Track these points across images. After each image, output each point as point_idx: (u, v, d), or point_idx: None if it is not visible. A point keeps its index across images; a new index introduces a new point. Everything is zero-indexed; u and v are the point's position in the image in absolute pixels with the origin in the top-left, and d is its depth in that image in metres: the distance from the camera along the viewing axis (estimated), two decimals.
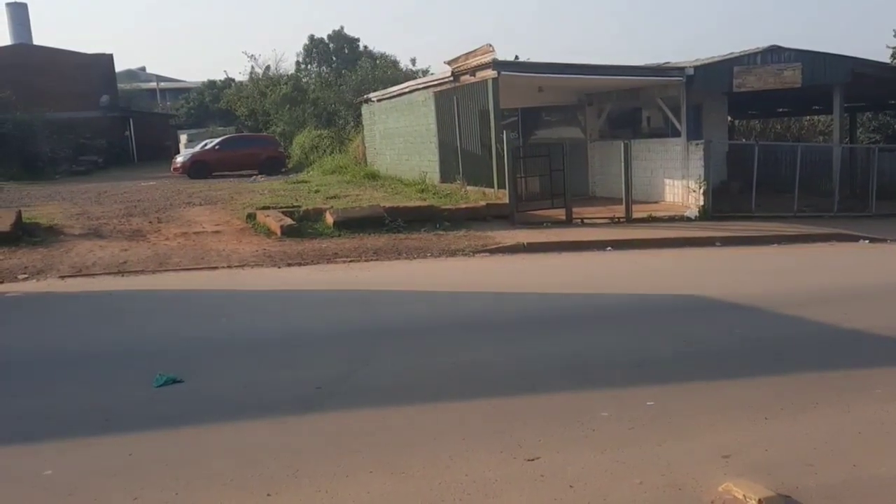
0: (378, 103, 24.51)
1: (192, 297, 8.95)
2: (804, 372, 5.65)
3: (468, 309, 8.07)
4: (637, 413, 4.77)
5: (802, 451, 4.19)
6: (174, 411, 5.01)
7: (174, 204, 17.04)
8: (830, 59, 16.53)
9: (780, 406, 4.87)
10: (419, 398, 5.16)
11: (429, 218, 13.80)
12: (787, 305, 7.71)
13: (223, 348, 6.56)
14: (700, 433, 4.46)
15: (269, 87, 36.50)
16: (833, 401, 5.00)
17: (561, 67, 16.23)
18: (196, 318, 7.80)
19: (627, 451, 4.20)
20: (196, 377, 5.74)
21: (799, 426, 4.55)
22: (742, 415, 4.74)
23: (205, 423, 4.79)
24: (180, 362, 6.14)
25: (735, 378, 5.53)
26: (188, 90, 51.18)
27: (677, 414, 4.78)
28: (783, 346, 6.42)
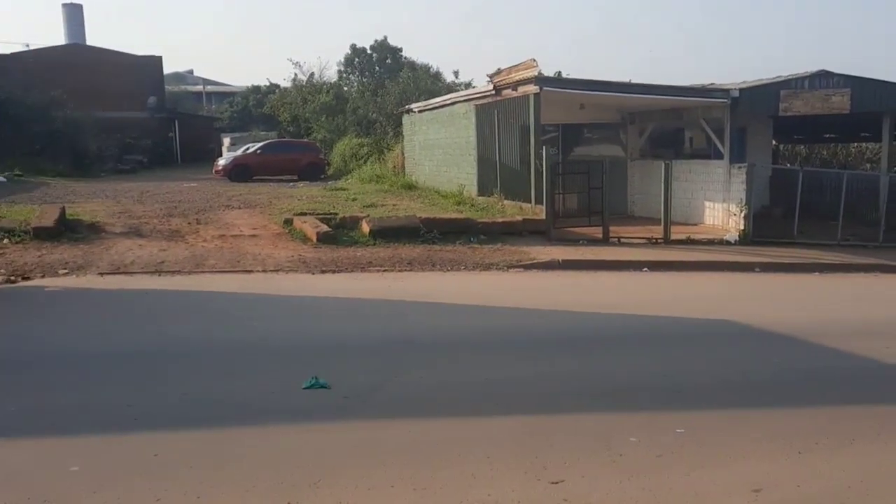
0: (419, 114, 24.63)
1: (226, 299, 9.04)
2: (842, 406, 5.49)
3: (499, 324, 8.02)
4: (666, 440, 4.67)
5: (836, 488, 4.06)
6: (202, 414, 5.05)
7: (213, 206, 17.28)
8: (880, 85, 16.17)
9: (815, 440, 4.73)
10: (446, 413, 5.13)
11: (464, 230, 13.77)
12: (827, 336, 7.51)
13: (254, 352, 6.60)
14: (730, 464, 4.35)
15: (311, 93, 36.94)
16: (871, 438, 4.84)
17: (603, 85, 16.13)
18: (229, 321, 7.87)
19: (654, 479, 4.11)
20: (226, 381, 5.79)
21: (834, 462, 4.41)
22: (775, 447, 4.61)
23: (231, 427, 4.81)
24: (212, 365, 6.21)
25: (769, 408, 5.39)
26: (233, 94, 52.05)
27: (708, 443, 4.67)
28: (821, 378, 6.25)
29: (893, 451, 4.63)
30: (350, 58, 38.21)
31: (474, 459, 4.34)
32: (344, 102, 35.13)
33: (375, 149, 30.24)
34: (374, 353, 6.62)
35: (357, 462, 4.30)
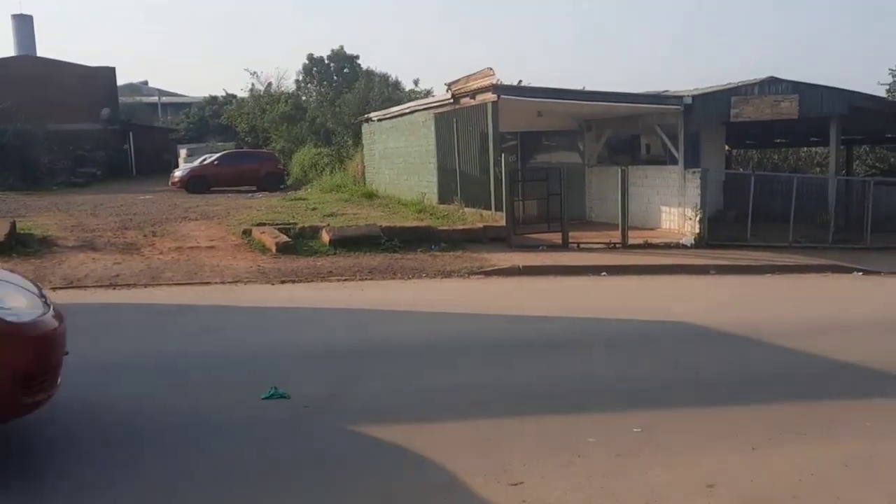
0: (378, 123, 24.64)
1: (184, 311, 8.92)
2: (794, 402, 5.62)
3: (461, 330, 8.05)
4: (624, 440, 4.74)
5: (788, 482, 4.16)
6: (156, 426, 4.97)
7: (170, 218, 17.05)
8: (827, 91, 16.67)
9: (767, 436, 4.85)
10: (407, 419, 5.13)
11: (425, 238, 13.80)
12: (780, 336, 7.70)
13: (212, 364, 6.53)
14: (686, 462, 4.43)
15: (269, 103, 36.68)
16: (821, 432, 4.98)
17: (560, 93, 16.35)
18: (185, 334, 7.76)
19: (612, 479, 4.17)
20: (182, 393, 5.71)
21: (785, 457, 4.52)
22: (729, 444, 4.72)
23: (188, 441, 4.74)
24: (167, 378, 6.12)
25: (723, 406, 5.51)
26: (189, 105, 51.38)
27: (664, 442, 4.75)
28: (773, 375, 6.40)
29: (842, 443, 4.76)
30: (308, 67, 38.01)
31: (434, 465, 4.35)
32: (302, 112, 34.95)
33: (335, 158, 30.14)
34: (334, 363, 6.59)
35: (318, 472, 4.28)
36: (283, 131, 34.77)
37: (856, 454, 4.59)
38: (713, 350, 7.34)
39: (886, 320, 9.15)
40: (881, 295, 11.80)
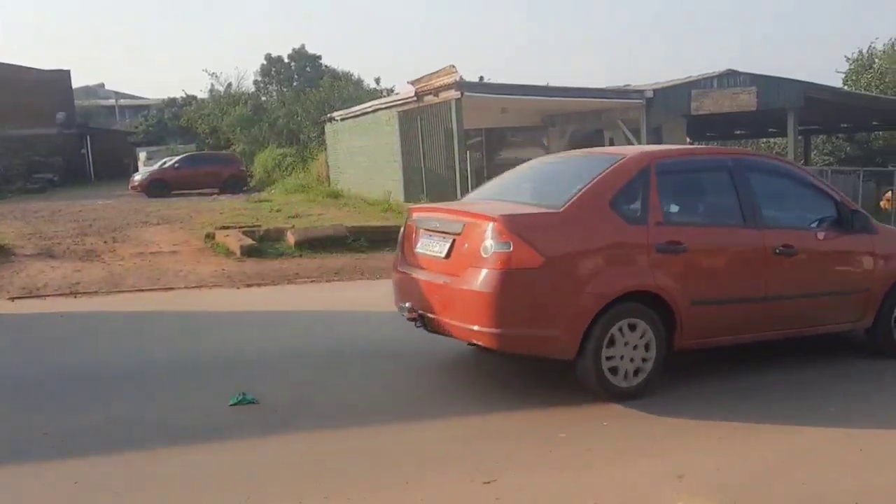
0: (341, 122, 24.49)
1: (147, 318, 8.77)
2: (761, 390, 5.71)
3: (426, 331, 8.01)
4: (595, 433, 4.78)
5: (754, 469, 4.23)
6: (124, 437, 4.88)
7: (131, 223, 16.75)
8: (784, 83, 17.00)
9: (735, 425, 4.92)
10: (378, 421, 5.10)
11: (392, 238, 13.64)
12: None
13: (178, 371, 6.42)
14: (655, 453, 4.48)
15: (229, 104, 36.25)
16: (787, 419, 5.06)
17: (523, 89, 16.44)
18: (150, 341, 7.62)
19: (584, 472, 4.20)
20: (148, 401, 5.62)
21: (751, 445, 4.60)
22: (698, 434, 4.78)
23: (155, 449, 4.66)
24: (133, 386, 6.01)
25: (691, 397, 5.57)
26: (147, 107, 50.57)
27: (634, 434, 4.80)
28: (742, 363, 6.49)
29: (807, 430, 4.85)
30: (266, 68, 37.63)
31: (407, 465, 4.34)
32: (262, 113, 34.62)
33: (299, 158, 29.91)
34: (303, 366, 6.53)
35: (288, 476, 4.23)
36: (242, 134, 34.39)
37: (820, 439, 4.70)
38: None
39: None
40: None
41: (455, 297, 5.30)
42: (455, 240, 5.41)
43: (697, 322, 5.42)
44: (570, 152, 7.68)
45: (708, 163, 6.23)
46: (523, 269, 4.96)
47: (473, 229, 5.26)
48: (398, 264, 6.26)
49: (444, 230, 5.60)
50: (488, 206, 5.70)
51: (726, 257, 5.70)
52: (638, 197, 5.41)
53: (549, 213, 5.28)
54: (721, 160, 6.22)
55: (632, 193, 5.40)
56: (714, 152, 8.12)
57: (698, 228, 5.66)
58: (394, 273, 6.32)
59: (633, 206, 5.39)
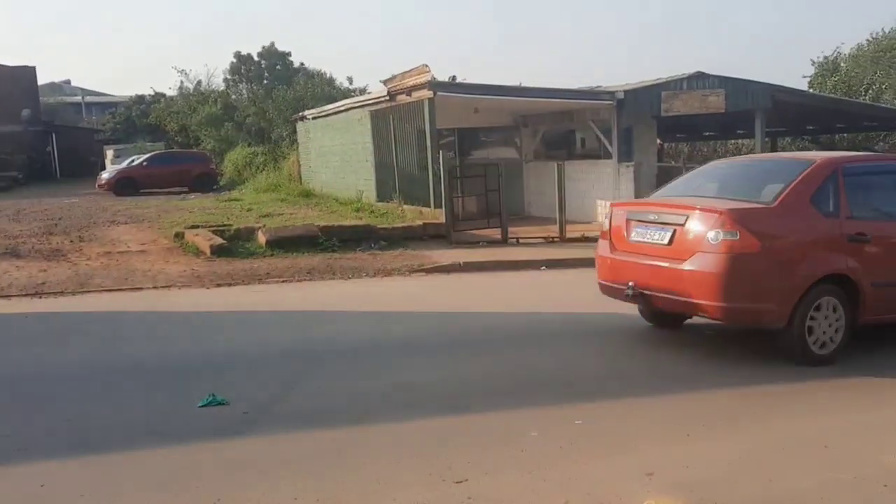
0: (313, 121, 24.34)
1: (115, 318, 8.64)
2: (727, 388, 5.78)
3: (402, 329, 8.02)
4: (565, 432, 4.80)
5: (723, 467, 4.29)
6: (91, 439, 4.81)
7: (98, 222, 16.50)
8: (752, 85, 17.23)
9: (702, 423, 4.99)
10: (350, 421, 5.09)
11: (365, 237, 13.71)
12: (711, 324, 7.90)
13: (146, 372, 6.35)
14: (625, 451, 4.52)
15: (199, 102, 35.84)
16: (753, 417, 5.14)
17: (496, 89, 16.46)
18: (117, 342, 7.52)
19: (555, 471, 4.22)
20: (116, 403, 5.54)
21: (720, 443, 4.66)
22: (666, 433, 4.83)
23: (123, 451, 4.60)
24: (100, 388, 5.92)
25: (661, 396, 5.63)
26: (115, 104, 49.78)
27: (604, 432, 4.83)
28: (708, 364, 6.58)
29: (774, 427, 4.93)
30: (236, 66, 37.25)
31: (379, 465, 4.32)
32: (232, 111, 34.27)
33: (270, 157, 29.67)
34: (274, 366, 6.49)
35: (259, 477, 4.20)
36: (212, 132, 34.01)
37: (787, 436, 4.77)
38: (650, 341, 7.50)
39: None
40: None
41: (682, 277, 6.28)
42: (677, 230, 6.42)
43: (876, 301, 6.43)
44: (754, 156, 9.06)
45: (885, 167, 7.31)
46: (747, 254, 6.01)
47: (698, 220, 6.27)
48: (607, 251, 7.20)
49: (663, 221, 6.61)
50: (701, 201, 6.60)
51: None
52: (830, 195, 6.42)
53: (763, 208, 6.33)
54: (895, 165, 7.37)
55: (826, 192, 6.42)
56: (889, 159, 9.17)
57: (878, 223, 6.68)
58: (603, 259, 7.29)
59: (828, 203, 6.40)
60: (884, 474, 4.16)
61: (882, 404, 5.47)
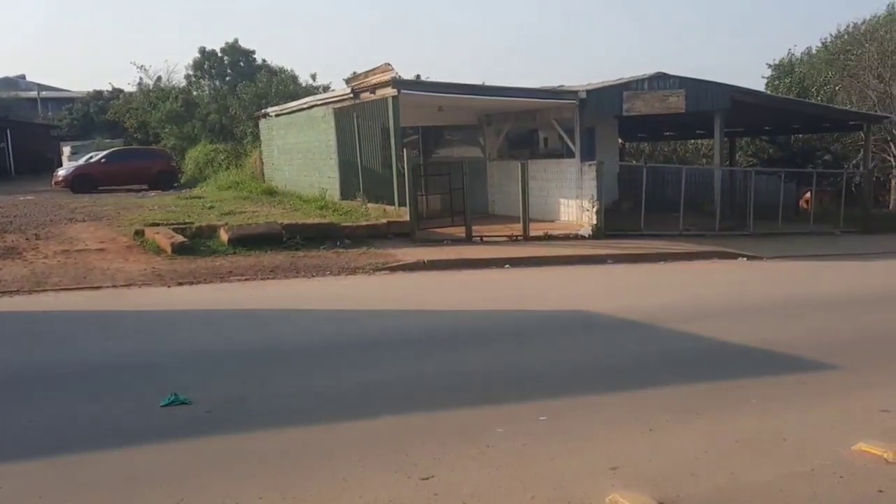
0: (276, 118, 24.12)
1: (73, 318, 8.46)
2: (688, 384, 5.90)
3: (367, 327, 8.00)
4: (531, 428, 4.84)
5: (685, 460, 4.36)
6: (51, 440, 4.71)
7: (55, 220, 16.13)
8: (712, 86, 17.52)
9: (665, 418, 5.07)
10: (315, 420, 5.06)
11: (328, 235, 13.64)
12: (673, 320, 8.05)
13: (107, 373, 6.23)
14: (590, 446, 4.58)
15: (159, 98, 35.24)
16: (714, 411, 5.24)
17: (459, 87, 16.47)
18: (76, 342, 7.37)
19: (521, 467, 4.25)
20: (76, 404, 5.43)
21: (682, 437, 4.74)
22: (630, 427, 4.90)
23: (83, 452, 4.51)
24: (60, 389, 5.80)
25: (625, 391, 5.71)
26: (72, 100, 48.62)
27: (569, 428, 4.89)
28: (669, 359, 6.70)
29: (734, 421, 5.04)
30: (199, 62, 36.69)
31: (345, 463, 4.31)
32: (194, 108, 33.77)
33: (233, 155, 29.31)
34: (237, 365, 6.42)
35: (223, 477, 4.16)
36: (172, 129, 33.46)
37: (746, 430, 4.87)
38: (612, 337, 7.60)
39: (769, 302, 9.73)
40: (763, 279, 12.53)
41: None
42: None
43: None
44: None
45: None
46: None
47: None
48: None
49: None
50: None
51: None
52: None
53: None
54: None
55: None
56: None
57: None
58: None
59: None
60: (839, 466, 4.27)
61: (838, 398, 5.61)
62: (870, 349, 7.17)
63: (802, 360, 6.59)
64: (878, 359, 6.82)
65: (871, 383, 6.01)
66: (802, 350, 6.88)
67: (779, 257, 14.61)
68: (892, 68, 25.50)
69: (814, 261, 14.56)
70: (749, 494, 3.96)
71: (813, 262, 14.39)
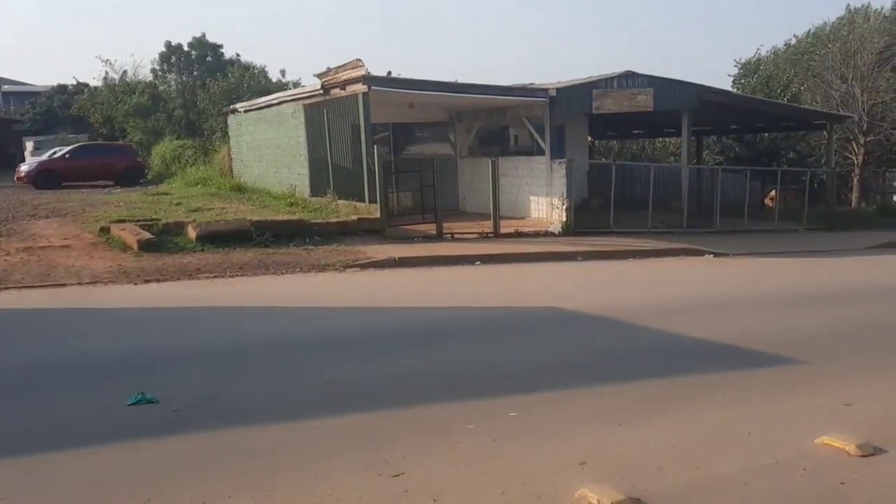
0: (245, 114, 23.88)
1: (36, 316, 8.31)
2: (656, 379, 5.96)
3: (337, 324, 7.97)
4: (501, 424, 4.87)
5: (652, 455, 4.42)
6: (12, 442, 4.62)
7: (17, 216, 15.82)
8: (679, 85, 17.73)
9: (633, 413, 5.12)
10: (285, 417, 5.03)
11: (298, 232, 13.54)
12: (642, 316, 8.14)
13: (71, 372, 6.12)
14: (559, 442, 4.61)
15: (125, 93, 34.68)
16: (681, 406, 5.31)
17: (430, 84, 16.45)
18: (39, 341, 7.24)
19: (491, 463, 4.27)
20: (38, 404, 5.33)
21: (650, 431, 4.80)
22: (598, 422, 4.95)
23: (46, 453, 4.43)
24: (21, 389, 5.69)
25: (592, 387, 5.77)
26: (35, 94, 47.58)
27: (538, 424, 4.92)
28: (637, 355, 6.77)
29: (701, 416, 5.11)
30: (166, 55, 36.18)
31: (315, 461, 4.29)
32: (160, 102, 33.29)
33: (200, 150, 28.95)
34: (206, 363, 6.35)
35: (191, 475, 4.12)
36: (138, 123, 32.96)
37: (712, 424, 4.94)
38: (582, 333, 7.66)
39: (736, 298, 9.89)
40: (730, 275, 12.72)
41: None
42: None
43: None
44: None
45: None
46: None
47: None
48: None
49: None
50: None
51: None
52: None
53: None
54: None
55: None
56: None
57: None
58: None
59: None
60: (803, 459, 4.36)
61: (804, 392, 5.72)
62: (835, 343, 7.32)
63: (768, 355, 6.71)
64: (842, 353, 6.96)
65: (835, 377, 6.14)
66: (768, 345, 7.00)
67: (745, 254, 14.84)
68: (854, 69, 26.01)
69: (779, 257, 14.82)
70: (715, 487, 4.02)
71: (778, 259, 14.64)
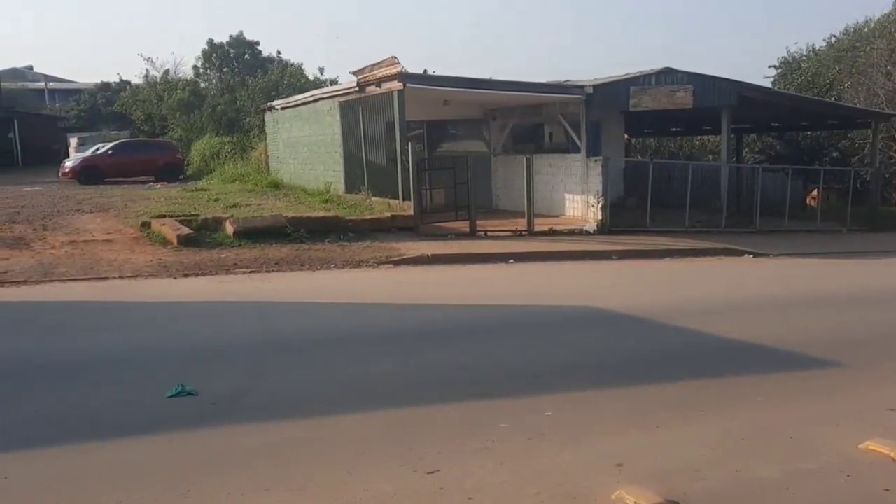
0: (282, 111, 24.11)
1: (80, 308, 8.49)
2: (691, 381, 5.88)
3: (370, 321, 8.01)
4: (535, 424, 4.84)
5: (690, 457, 4.35)
6: (56, 431, 4.73)
7: (62, 211, 16.17)
8: (719, 82, 17.44)
9: (670, 414, 5.06)
10: (319, 412, 5.07)
11: (333, 229, 13.64)
12: (679, 317, 8.04)
13: (114, 363, 6.24)
14: (595, 442, 4.57)
15: (166, 90, 35.28)
16: (719, 408, 5.23)
17: (466, 82, 16.42)
18: (83, 332, 7.39)
19: (525, 462, 4.25)
20: (82, 395, 5.45)
21: (687, 433, 4.73)
22: (635, 423, 4.89)
23: (88, 443, 4.52)
24: (66, 379, 5.82)
25: (628, 387, 5.71)
26: (79, 92, 48.64)
27: (573, 424, 4.88)
28: (674, 356, 6.68)
29: (738, 418, 5.02)
30: (207, 53, 36.73)
31: (349, 456, 4.32)
32: (201, 99, 33.80)
33: (238, 147, 29.32)
34: (242, 357, 6.43)
35: (229, 468, 4.17)
36: (181, 119, 33.51)
37: (752, 427, 4.86)
38: (617, 333, 7.59)
39: (775, 300, 9.70)
40: (770, 276, 12.49)
41: None
42: None
43: None
44: None
45: None
46: None
47: None
48: None
49: None
50: None
51: None
52: None
53: None
54: None
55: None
56: None
57: None
58: None
59: None
60: (846, 465, 4.26)
61: (845, 396, 5.59)
62: (877, 347, 7.16)
63: (809, 358, 6.58)
64: (885, 357, 6.80)
65: (878, 381, 6.00)
66: (809, 347, 6.86)
67: (785, 255, 14.57)
68: None
69: (820, 258, 14.51)
70: (755, 492, 3.95)
71: (820, 260, 14.35)
